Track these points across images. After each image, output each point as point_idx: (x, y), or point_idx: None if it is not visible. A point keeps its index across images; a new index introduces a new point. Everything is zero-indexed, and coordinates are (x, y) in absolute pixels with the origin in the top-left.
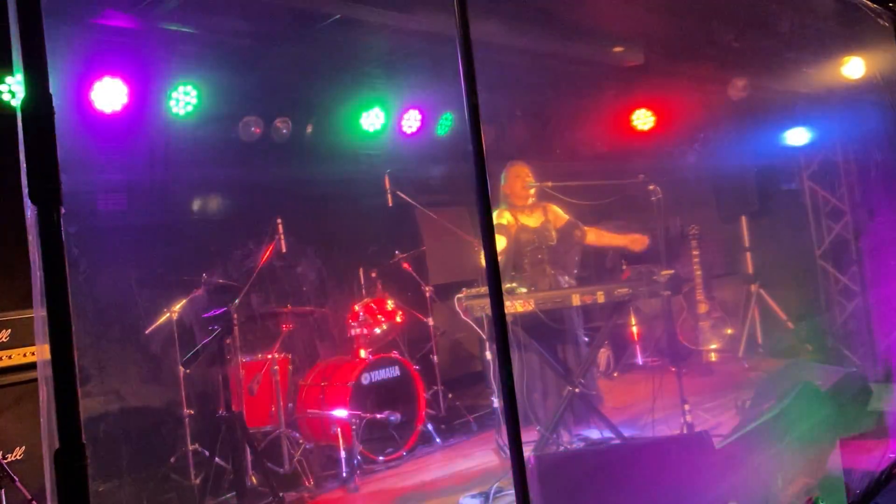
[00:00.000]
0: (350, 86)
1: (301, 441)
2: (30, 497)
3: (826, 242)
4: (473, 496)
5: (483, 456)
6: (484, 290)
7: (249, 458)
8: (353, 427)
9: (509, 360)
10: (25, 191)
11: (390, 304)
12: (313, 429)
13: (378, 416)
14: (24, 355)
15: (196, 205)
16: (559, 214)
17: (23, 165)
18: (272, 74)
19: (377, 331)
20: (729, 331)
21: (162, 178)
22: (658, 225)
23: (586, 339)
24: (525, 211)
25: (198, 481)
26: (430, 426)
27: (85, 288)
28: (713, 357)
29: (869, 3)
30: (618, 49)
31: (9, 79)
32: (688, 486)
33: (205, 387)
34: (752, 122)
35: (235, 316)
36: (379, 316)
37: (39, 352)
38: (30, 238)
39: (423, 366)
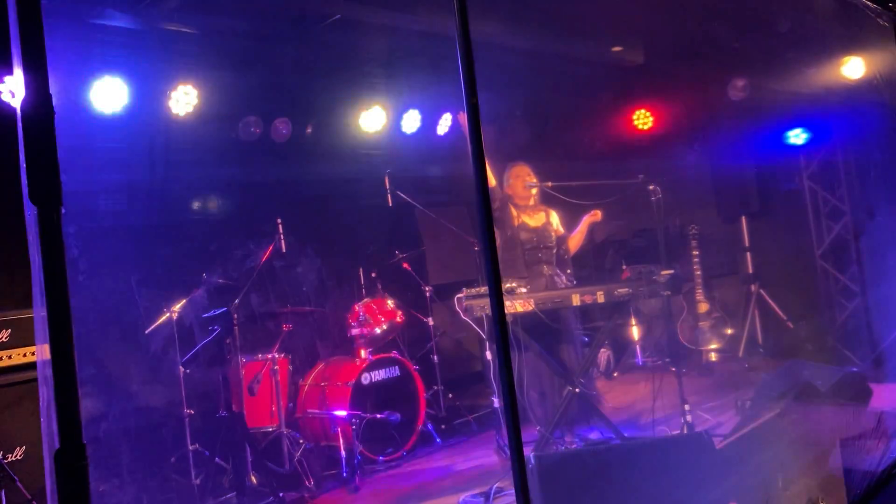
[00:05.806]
0: (350, 86)
1: (301, 441)
2: (30, 497)
3: (826, 242)
4: (473, 496)
5: (483, 456)
6: (484, 290)
7: (250, 458)
8: (353, 427)
9: (509, 360)
10: (25, 191)
11: (390, 304)
12: (313, 429)
13: (378, 416)
14: (24, 355)
15: (196, 205)
16: (559, 224)
17: (23, 165)
18: (272, 74)
19: (377, 331)
20: (729, 331)
21: (162, 178)
22: (658, 225)
23: (586, 338)
24: (527, 211)
25: (198, 481)
26: (430, 426)
27: (85, 288)
28: (713, 357)
29: (869, 3)
30: (617, 49)
31: (9, 79)
32: (688, 487)
33: (205, 387)
34: (752, 122)
35: (235, 316)
36: (379, 316)
37: (39, 352)
38: (30, 238)
39: (423, 366)
